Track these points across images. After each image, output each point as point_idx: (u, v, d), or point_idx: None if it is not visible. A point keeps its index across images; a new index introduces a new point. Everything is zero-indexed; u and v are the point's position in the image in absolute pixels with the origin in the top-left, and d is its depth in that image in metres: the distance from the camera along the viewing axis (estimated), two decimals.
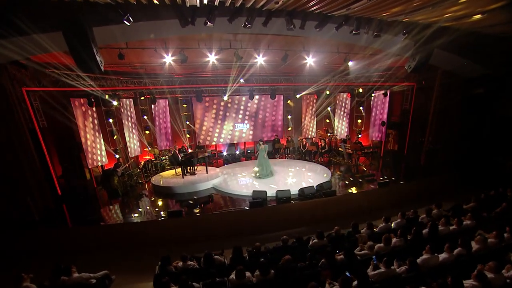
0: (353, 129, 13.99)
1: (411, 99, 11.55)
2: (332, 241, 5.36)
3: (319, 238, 5.40)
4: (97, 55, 5.57)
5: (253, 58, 8.88)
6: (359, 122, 13.70)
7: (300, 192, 7.92)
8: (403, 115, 12.09)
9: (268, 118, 14.73)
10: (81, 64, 5.51)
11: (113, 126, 10.29)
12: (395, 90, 11.76)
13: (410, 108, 11.64)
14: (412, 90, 11.48)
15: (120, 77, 9.94)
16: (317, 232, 5.35)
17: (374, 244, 5.01)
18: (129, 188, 9.44)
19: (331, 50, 9.20)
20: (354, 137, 13.62)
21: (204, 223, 6.61)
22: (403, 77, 11.18)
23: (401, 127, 12.09)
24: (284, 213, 7.16)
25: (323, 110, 14.53)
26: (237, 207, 7.54)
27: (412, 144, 11.74)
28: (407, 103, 11.84)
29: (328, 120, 14.96)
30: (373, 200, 8.06)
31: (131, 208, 7.93)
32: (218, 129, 13.87)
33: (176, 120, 12.68)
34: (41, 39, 5.32)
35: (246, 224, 6.80)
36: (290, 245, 5.37)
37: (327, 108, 14.59)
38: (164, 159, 11.46)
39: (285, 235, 6.15)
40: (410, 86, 11.46)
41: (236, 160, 13.51)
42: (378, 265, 4.17)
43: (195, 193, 8.71)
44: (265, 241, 6.11)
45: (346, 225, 6.39)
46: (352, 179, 9.70)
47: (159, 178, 9.84)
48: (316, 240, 5.33)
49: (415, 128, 11.55)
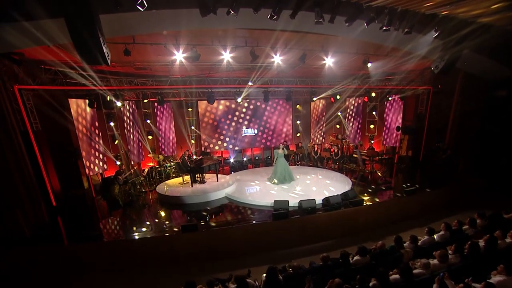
0: (365, 134, 13.50)
1: (427, 103, 11.12)
2: (375, 258, 4.73)
3: (361, 254, 4.74)
4: (103, 45, 4.87)
5: (269, 57, 8.39)
6: (372, 128, 13.20)
7: (325, 202, 7.37)
8: (418, 119, 11.66)
9: (277, 124, 14.26)
10: (86, 55, 4.81)
11: (114, 130, 9.50)
12: (408, 94, 11.35)
13: (425, 112, 11.20)
14: (428, 94, 11.06)
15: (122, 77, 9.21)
16: (358, 248, 4.73)
17: (428, 262, 4.32)
18: (131, 198, 8.69)
19: (350, 51, 8.78)
20: (366, 143, 13.10)
21: (223, 238, 5.93)
22: (419, 81, 10.76)
23: (416, 132, 11.61)
24: (309, 225, 6.60)
25: (333, 115, 14.11)
26: (256, 218, 6.93)
27: (427, 150, 11.26)
28: (423, 107, 11.43)
29: (338, 126, 14.51)
30: (402, 209, 7.56)
31: (135, 221, 7.19)
32: (226, 135, 13.31)
33: (181, 125, 12.03)
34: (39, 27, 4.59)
35: (270, 238, 6.19)
36: (331, 264, 4.61)
37: (337, 113, 14.14)
38: (169, 166, 10.72)
39: (311, 249, 5.94)
40: (426, 90, 11.04)
41: (243, 167, 12.89)
42: None
43: (206, 203, 8.03)
44: (291, 256, 5.69)
45: (376, 237, 6.25)
46: (374, 187, 9.19)
47: (165, 186, 9.11)
48: (358, 257, 4.68)
49: (431, 133, 11.09)
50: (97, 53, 4.81)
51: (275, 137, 14.31)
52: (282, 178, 9.35)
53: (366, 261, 4.61)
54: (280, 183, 9.21)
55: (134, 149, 10.28)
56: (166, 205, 8.10)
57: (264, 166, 12.90)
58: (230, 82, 10.35)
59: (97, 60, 4.83)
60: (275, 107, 14.02)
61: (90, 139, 8.78)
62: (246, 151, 14.24)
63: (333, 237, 6.56)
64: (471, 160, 9.57)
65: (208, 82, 10.21)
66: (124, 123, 9.88)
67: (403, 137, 12.21)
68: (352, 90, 11.91)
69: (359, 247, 4.72)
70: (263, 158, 14.37)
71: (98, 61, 4.94)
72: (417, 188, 8.14)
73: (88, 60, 4.94)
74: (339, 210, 6.95)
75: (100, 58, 4.93)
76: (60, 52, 6.40)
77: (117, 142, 9.56)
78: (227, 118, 13.20)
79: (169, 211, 7.75)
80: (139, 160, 10.71)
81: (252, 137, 13.88)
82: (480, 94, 9.00)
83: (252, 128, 13.76)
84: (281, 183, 9.23)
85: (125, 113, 9.98)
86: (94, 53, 4.79)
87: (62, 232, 6.71)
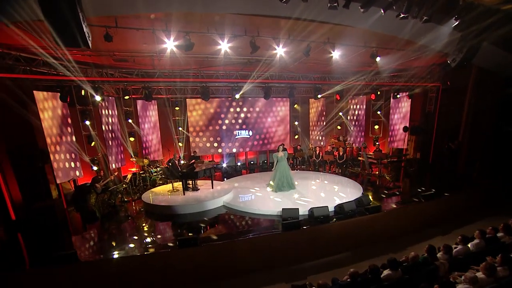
0: (369, 136, 13.42)
1: (436, 101, 11.18)
2: (408, 272, 4.41)
3: (392, 268, 4.42)
4: (83, 23, 4.38)
5: (271, 49, 8.13)
6: (376, 128, 13.15)
7: (338, 209, 7.10)
8: (426, 119, 11.69)
9: (273, 125, 14.07)
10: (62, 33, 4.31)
11: (91, 130, 8.76)
12: (416, 91, 11.35)
13: (434, 111, 11.24)
14: (437, 92, 11.12)
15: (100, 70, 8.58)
16: (388, 261, 4.41)
17: (475, 276, 4.01)
18: (111, 208, 8.10)
19: (358, 43, 8.65)
20: (370, 145, 13.01)
21: (227, 253, 5.48)
22: (428, 77, 10.81)
23: (425, 132, 11.63)
24: (322, 236, 6.32)
25: (334, 115, 14.01)
26: (262, 229, 6.53)
27: (437, 152, 11.27)
28: (431, 106, 11.48)
29: (339, 127, 14.40)
30: (422, 215, 7.40)
31: (116, 236, 6.54)
32: (218, 137, 12.94)
33: (167, 126, 11.56)
34: None
35: (280, 251, 5.84)
36: (360, 280, 4.25)
37: (339, 113, 14.08)
38: (155, 171, 10.10)
39: (327, 263, 5.72)
40: (435, 87, 11.10)
41: (238, 172, 12.47)
42: None
43: (202, 213, 7.56)
44: (306, 272, 5.49)
45: (397, 247, 6.21)
46: (387, 192, 9.04)
47: (151, 195, 8.52)
48: (389, 271, 4.37)
49: (441, 133, 11.13)
50: (75, 32, 4.35)
51: (271, 140, 14.09)
52: (280, 185, 8.94)
53: (399, 275, 4.32)
54: (279, 190, 8.84)
55: (114, 153, 9.62)
56: (153, 216, 7.57)
57: (260, 171, 12.66)
58: (227, 76, 9.94)
59: (76, 40, 4.33)
60: (271, 107, 13.82)
61: (61, 140, 8.04)
62: (239, 155, 13.90)
63: (349, 249, 6.34)
64: (486, 162, 9.58)
65: (202, 77, 9.75)
66: (102, 122, 9.19)
67: (410, 138, 12.22)
68: (359, 88, 11.84)
69: (389, 260, 4.41)
70: (258, 163, 14.08)
71: (77, 42, 4.40)
72: (434, 192, 7.98)
73: (65, 41, 4.43)
74: (354, 218, 6.71)
75: (79, 38, 4.44)
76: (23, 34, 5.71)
77: (93, 144, 8.85)
78: (219, 118, 12.85)
79: (158, 223, 7.22)
80: (120, 165, 10.08)
81: (246, 140, 13.58)
82: (496, 90, 9.08)
83: (246, 130, 13.49)
84: (279, 190, 8.85)
85: (103, 110, 9.27)
86: (72, 31, 4.32)
87: (23, 253, 5.92)
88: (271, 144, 14.07)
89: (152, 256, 5.23)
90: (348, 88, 12.50)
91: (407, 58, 9.25)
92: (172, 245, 5.49)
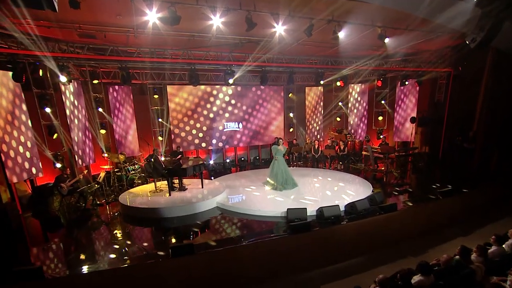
0: (372, 128, 13.45)
1: (446, 89, 11.31)
2: (442, 277, 4.29)
3: (424, 273, 4.25)
4: None
5: (270, 27, 7.93)
6: (380, 120, 13.18)
7: (349, 209, 7.01)
8: (436, 109, 11.83)
9: (266, 116, 13.88)
10: None
11: (53, 119, 8.07)
12: (426, 78, 11.44)
13: (445, 100, 11.38)
14: (447, 78, 11.26)
15: (63, 46, 7.91)
16: (419, 265, 4.29)
17: None
18: (80, 213, 7.63)
19: (365, 22, 8.56)
20: (373, 138, 13.04)
21: (228, 261, 5.20)
22: (438, 62, 10.88)
23: (434, 124, 11.77)
24: (335, 238, 6.17)
25: (334, 106, 14.01)
26: (264, 232, 6.32)
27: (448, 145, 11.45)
28: (441, 94, 11.62)
29: (339, 118, 14.39)
30: (441, 214, 7.41)
31: (88, 246, 6.05)
32: (203, 130, 12.61)
33: (145, 116, 11.14)
34: None
35: (287, 257, 5.64)
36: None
37: (338, 103, 14.06)
38: (133, 169, 9.59)
39: (340, 270, 5.65)
40: (446, 73, 11.23)
41: (226, 170, 12.20)
42: None
43: (193, 216, 7.21)
44: (318, 281, 5.36)
45: (416, 250, 6.19)
46: (398, 189, 9.08)
47: (128, 197, 8.07)
48: (421, 277, 4.22)
49: (451, 125, 11.30)
50: None
51: (264, 134, 13.95)
52: (284, 183, 8.87)
53: (431, 281, 4.18)
54: (283, 188, 8.77)
55: (81, 147, 9.00)
56: (134, 221, 7.17)
57: (252, 168, 12.53)
58: (218, 59, 9.54)
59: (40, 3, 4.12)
60: (264, 96, 13.63)
61: (13, 131, 7.37)
62: (228, 151, 13.59)
63: (364, 253, 6.22)
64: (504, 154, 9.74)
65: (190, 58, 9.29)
66: (67, 110, 8.53)
67: (417, 130, 12.36)
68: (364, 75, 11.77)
69: (421, 264, 4.27)
70: (249, 159, 13.86)
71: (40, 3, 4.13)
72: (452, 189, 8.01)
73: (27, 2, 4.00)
74: (368, 218, 6.63)
75: None
76: None
77: (56, 137, 8.15)
78: (205, 109, 12.50)
79: (141, 229, 6.85)
80: (89, 162, 9.48)
81: (235, 133, 13.32)
82: None
83: (235, 122, 13.21)
84: (284, 188, 8.78)
85: (67, 96, 8.59)
86: None
87: None
88: (264, 138, 13.86)
89: (137, 268, 4.80)
90: (352, 75, 12.45)
91: (418, 40, 9.24)
92: (163, 254, 5.10)
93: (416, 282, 4.13)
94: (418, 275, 4.21)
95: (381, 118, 13.25)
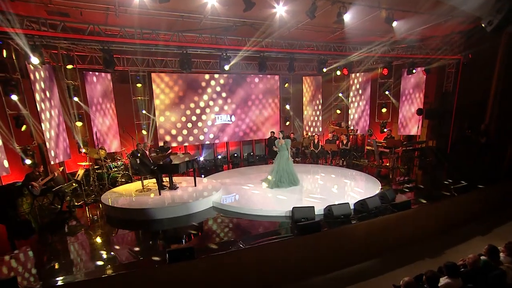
0: (375, 121, 13.50)
1: (455, 78, 11.40)
2: (471, 279, 4.25)
3: (451, 275, 4.20)
4: None
5: (269, 7, 7.88)
6: (384, 112, 13.22)
7: (359, 207, 6.98)
8: (444, 100, 11.92)
9: (259, 109, 13.77)
10: None
11: (21, 108, 7.59)
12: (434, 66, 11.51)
13: (454, 90, 11.48)
14: (456, 66, 11.35)
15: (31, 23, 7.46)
16: (446, 267, 4.25)
17: None
18: (55, 216, 7.31)
19: (371, 4, 8.51)
20: (377, 131, 13.07)
21: (232, 266, 5.06)
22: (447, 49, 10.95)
23: (442, 116, 11.87)
24: (346, 239, 6.15)
25: (334, 97, 14.00)
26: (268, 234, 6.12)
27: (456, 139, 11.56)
28: (449, 84, 11.70)
29: (339, 111, 14.36)
30: (458, 211, 7.51)
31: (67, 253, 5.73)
32: (191, 122, 12.37)
33: (126, 108, 10.82)
34: None
35: (295, 260, 5.58)
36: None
37: (338, 93, 14.02)
38: (116, 166, 9.30)
39: (354, 274, 5.64)
40: (455, 60, 11.31)
41: (218, 168, 12.01)
42: None
43: (187, 217, 7.02)
44: (331, 286, 5.36)
45: (433, 251, 6.24)
46: (408, 185, 9.10)
47: (115, 196, 7.80)
48: (448, 279, 4.17)
49: (461, 116, 11.41)
50: None
51: (258, 127, 13.88)
52: (277, 180, 8.81)
53: (459, 284, 4.14)
54: (275, 186, 8.74)
55: (55, 141, 8.58)
56: (120, 223, 6.92)
57: (245, 165, 12.43)
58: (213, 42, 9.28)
59: None
60: (258, 86, 13.52)
61: None
62: (219, 146, 13.42)
63: (376, 254, 6.18)
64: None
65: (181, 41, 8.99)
66: (37, 96, 8.06)
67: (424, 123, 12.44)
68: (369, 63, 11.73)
69: (447, 265, 4.22)
70: (242, 156, 13.73)
71: None
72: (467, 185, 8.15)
73: None
74: (380, 217, 6.60)
75: None
76: None
77: (25, 129, 7.69)
78: (193, 100, 12.26)
79: (129, 232, 6.59)
80: (65, 158, 9.06)
81: (227, 127, 13.13)
82: None
83: (227, 114, 13.01)
84: (275, 186, 8.74)
85: (37, 83, 8.11)
86: None
87: None
88: (258, 133, 13.76)
89: (130, 276, 4.53)
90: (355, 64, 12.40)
91: (427, 24, 9.25)
92: (159, 259, 4.87)
93: (443, 285, 4.07)
94: (445, 277, 4.16)
95: (385, 110, 13.23)
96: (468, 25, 9.81)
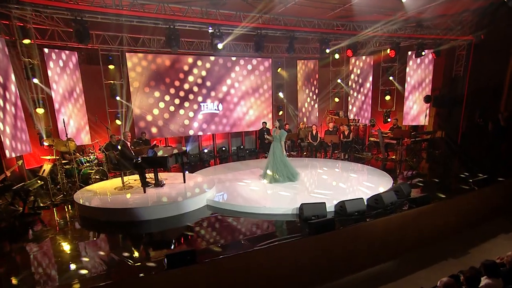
0: (378, 110, 13.60)
1: (466, 61, 11.56)
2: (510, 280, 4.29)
3: (491, 275, 4.22)
4: None
5: None
6: (388, 100, 13.31)
7: (373, 202, 7.04)
8: (453, 85, 12.09)
9: (250, 96, 13.62)
10: None
11: None
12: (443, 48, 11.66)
13: (465, 74, 11.64)
14: (468, 49, 11.50)
15: None
16: (485, 266, 4.26)
17: None
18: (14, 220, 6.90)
19: None
20: (380, 121, 13.17)
21: (239, 271, 5.01)
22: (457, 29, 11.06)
23: (451, 103, 12.03)
24: (362, 238, 6.13)
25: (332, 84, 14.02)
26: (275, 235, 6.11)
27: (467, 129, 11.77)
28: (460, 68, 11.86)
29: (337, 99, 14.40)
30: (479, 206, 7.63)
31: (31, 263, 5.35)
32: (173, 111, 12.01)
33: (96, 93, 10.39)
34: None
35: (307, 263, 5.59)
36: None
37: (337, 80, 14.04)
38: (88, 160, 8.89)
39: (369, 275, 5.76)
40: (466, 42, 11.44)
41: (204, 163, 11.91)
42: None
43: (178, 218, 6.84)
44: None
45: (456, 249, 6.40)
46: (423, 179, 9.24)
47: (90, 195, 7.50)
48: (488, 280, 4.19)
49: (472, 103, 11.58)
50: None
51: (248, 118, 13.75)
52: (289, 173, 8.84)
53: (501, 285, 4.17)
54: (274, 181, 8.73)
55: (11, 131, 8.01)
56: (97, 226, 6.64)
57: (234, 160, 12.48)
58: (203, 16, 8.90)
59: None
60: (248, 71, 13.34)
61: None
62: (204, 139, 13.20)
63: (395, 255, 6.25)
64: None
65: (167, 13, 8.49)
66: None
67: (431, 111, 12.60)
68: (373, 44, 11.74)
69: (487, 264, 4.22)
70: (231, 149, 13.56)
71: None
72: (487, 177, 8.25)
73: None
74: (397, 213, 6.68)
75: None
76: None
77: None
78: (172, 86, 11.90)
79: (111, 236, 6.37)
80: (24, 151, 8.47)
81: (213, 117, 12.89)
82: None
83: (213, 103, 12.76)
84: (287, 180, 8.74)
85: None
86: None
87: None
88: (248, 123, 13.64)
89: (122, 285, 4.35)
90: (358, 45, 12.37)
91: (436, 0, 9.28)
92: (155, 265, 4.65)
93: (482, 286, 4.07)
94: (484, 277, 4.15)
95: (389, 97, 13.33)
96: (482, 3, 9.93)
